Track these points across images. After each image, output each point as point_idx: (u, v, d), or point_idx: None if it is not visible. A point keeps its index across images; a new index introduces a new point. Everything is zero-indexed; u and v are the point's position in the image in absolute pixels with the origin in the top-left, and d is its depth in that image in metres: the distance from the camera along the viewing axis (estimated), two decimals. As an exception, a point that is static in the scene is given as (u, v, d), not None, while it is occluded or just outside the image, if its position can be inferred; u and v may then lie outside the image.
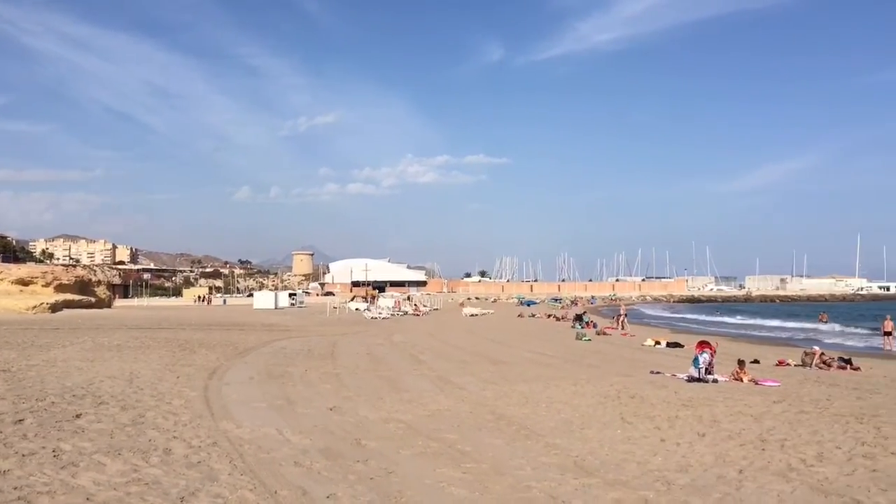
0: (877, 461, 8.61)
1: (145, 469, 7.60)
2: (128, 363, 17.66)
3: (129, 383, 14.13)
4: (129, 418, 10.47)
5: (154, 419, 10.49)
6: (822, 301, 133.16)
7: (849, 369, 20.21)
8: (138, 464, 7.81)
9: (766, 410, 12.52)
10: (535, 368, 19.75)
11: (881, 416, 12.08)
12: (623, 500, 6.87)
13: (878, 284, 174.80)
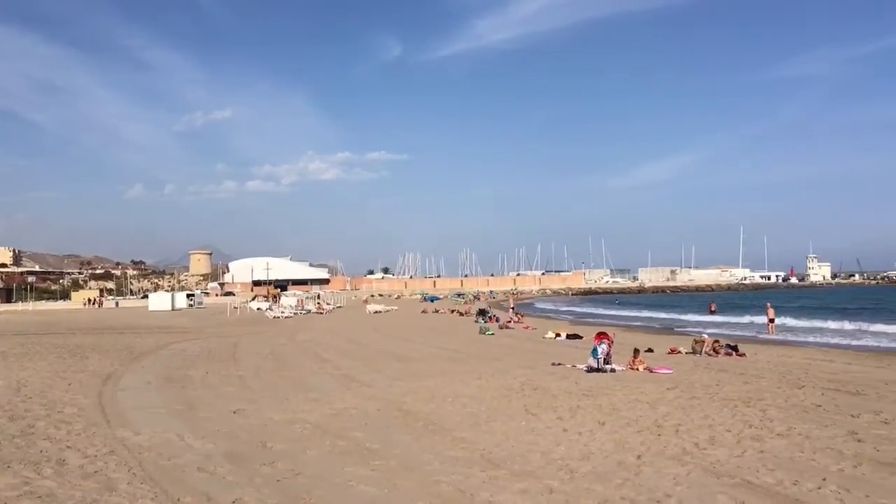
0: (764, 442, 9.14)
1: (38, 482, 7.26)
2: (14, 371, 16.77)
3: (17, 392, 13.43)
4: (18, 429, 9.97)
5: (45, 429, 10.02)
6: (709, 291, 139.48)
7: (735, 355, 21.30)
8: (30, 476, 7.45)
9: (660, 397, 13.07)
10: (440, 364, 19.90)
11: (766, 399, 12.82)
12: (529, 490, 7.04)
13: (760, 274, 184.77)
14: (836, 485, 7.04)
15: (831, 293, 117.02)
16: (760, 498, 6.64)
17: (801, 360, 20.42)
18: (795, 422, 10.55)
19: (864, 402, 12.51)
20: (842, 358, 21.82)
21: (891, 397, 13.01)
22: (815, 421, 10.63)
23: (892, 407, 11.88)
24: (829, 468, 7.77)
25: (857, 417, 10.91)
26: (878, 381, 15.59)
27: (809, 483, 7.12)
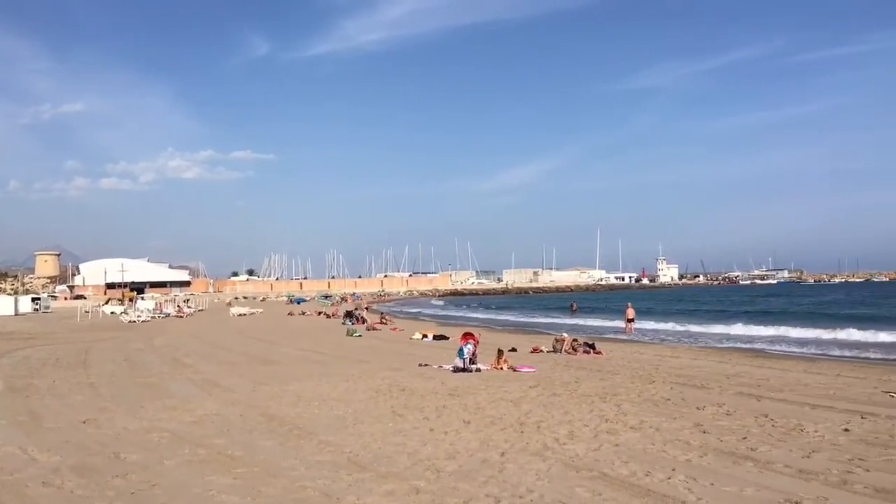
0: (619, 436, 9.59)
1: None
2: None
3: None
4: None
5: None
6: (569, 291, 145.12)
7: (593, 353, 22.24)
8: None
9: (523, 395, 13.45)
10: (306, 366, 19.61)
11: (620, 394, 13.47)
12: (395, 491, 7.05)
13: (615, 275, 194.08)
14: (685, 474, 7.48)
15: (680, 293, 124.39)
16: (616, 489, 6.95)
17: (651, 357, 21.57)
18: (647, 415, 11.14)
19: (709, 395, 13.38)
20: (688, 354, 23.24)
21: (732, 390, 13.97)
22: (665, 414, 11.26)
23: (734, 399, 12.77)
24: (677, 459, 8.25)
25: (702, 410, 11.64)
26: (720, 375, 16.72)
27: (660, 474, 7.52)
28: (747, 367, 18.66)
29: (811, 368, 18.33)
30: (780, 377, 16.27)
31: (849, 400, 12.63)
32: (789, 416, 10.88)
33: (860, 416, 10.88)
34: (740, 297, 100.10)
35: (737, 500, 6.52)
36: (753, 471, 7.65)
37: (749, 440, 9.23)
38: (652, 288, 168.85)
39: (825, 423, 10.27)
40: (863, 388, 14.25)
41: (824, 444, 8.91)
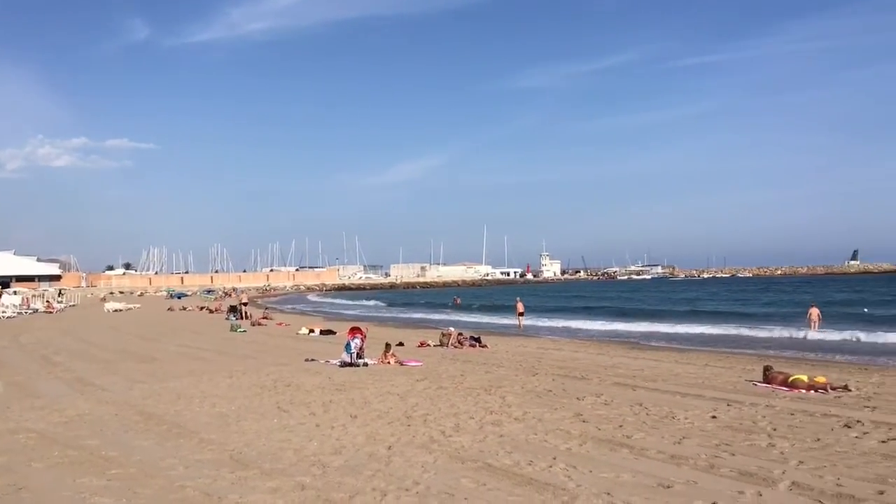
0: (503, 427, 9.80)
1: None
2: None
3: None
4: None
5: None
6: (456, 286, 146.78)
7: (478, 347, 22.62)
8: None
9: (410, 389, 13.53)
10: (187, 363, 18.98)
11: (505, 386, 13.76)
12: (280, 488, 6.95)
13: (501, 270, 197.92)
14: (565, 462, 7.74)
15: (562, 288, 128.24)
16: (499, 479, 7.11)
17: (535, 350, 22.15)
18: (530, 406, 11.44)
19: (588, 385, 13.87)
20: (569, 347, 24.01)
21: (610, 381, 14.54)
22: (547, 405, 11.60)
23: (611, 389, 13.29)
24: (558, 447, 8.52)
25: (582, 400, 12.07)
26: (599, 366, 17.37)
27: (542, 462, 7.75)
28: (624, 359, 19.46)
29: (682, 359, 19.31)
30: (653, 368, 17.06)
31: (716, 389, 13.39)
32: (662, 405, 11.44)
33: (726, 403, 11.56)
34: (618, 291, 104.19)
35: (613, 486, 6.79)
36: (629, 457, 8.01)
37: (625, 428, 9.64)
38: (535, 283, 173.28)
39: (695, 411, 10.86)
40: (728, 377, 15.13)
41: (694, 431, 9.42)
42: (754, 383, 13.92)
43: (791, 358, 20.48)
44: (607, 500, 6.35)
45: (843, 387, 12.92)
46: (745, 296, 77.72)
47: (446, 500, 6.40)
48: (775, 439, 8.85)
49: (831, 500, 6.29)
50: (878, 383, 13.94)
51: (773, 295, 77.75)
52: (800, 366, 16.83)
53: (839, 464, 7.58)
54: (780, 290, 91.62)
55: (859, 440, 8.77)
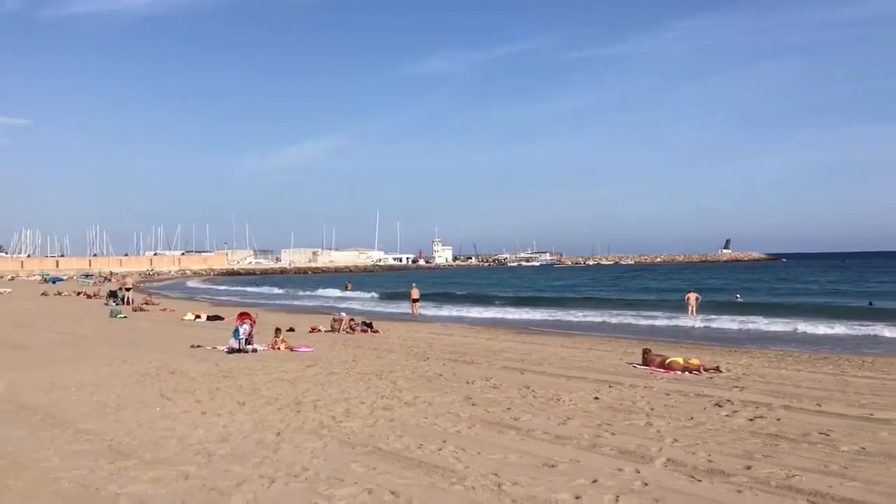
0: (394, 411, 9.85)
1: None
2: None
3: None
4: None
5: None
6: (348, 272, 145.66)
7: (370, 332, 22.59)
8: None
9: (301, 375, 13.38)
10: (63, 350, 18.06)
11: (396, 371, 13.82)
12: (163, 478, 6.73)
13: (393, 256, 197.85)
14: (454, 445, 7.86)
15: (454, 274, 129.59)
16: (390, 463, 7.15)
17: (426, 335, 22.32)
18: (421, 391, 11.54)
19: (478, 369, 14.12)
20: (459, 332, 24.32)
21: (499, 365, 14.85)
22: (438, 389, 11.73)
23: (500, 373, 13.58)
24: (448, 430, 8.64)
25: (471, 384, 12.27)
26: (488, 350, 17.70)
27: (432, 445, 7.84)
28: (512, 343, 19.90)
29: (567, 343, 19.93)
30: (540, 351, 17.54)
31: (599, 371, 13.91)
32: (548, 388, 11.79)
33: (608, 385, 12.04)
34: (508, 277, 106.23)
35: (501, 467, 6.95)
36: (516, 439, 8.22)
37: (513, 410, 9.88)
38: (428, 268, 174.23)
39: (579, 393, 11.25)
40: (610, 360, 15.75)
41: (577, 412, 9.76)
42: (634, 366, 14.54)
43: (669, 341, 21.48)
44: (494, 480, 6.49)
45: (715, 368, 13.68)
46: (626, 282, 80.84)
47: (336, 486, 6.38)
48: (652, 418, 9.29)
49: (703, 475, 6.66)
50: (746, 365, 14.84)
51: (653, 281, 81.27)
52: (676, 348, 17.70)
53: (710, 441, 8.04)
54: (659, 276, 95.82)
55: (729, 418, 9.32)
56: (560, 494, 6.06)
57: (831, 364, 15.10)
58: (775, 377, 13.04)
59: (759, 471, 6.76)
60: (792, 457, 7.29)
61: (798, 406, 10.09)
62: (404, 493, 6.14)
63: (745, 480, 6.45)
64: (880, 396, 10.86)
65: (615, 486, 6.28)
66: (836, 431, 8.41)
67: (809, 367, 14.50)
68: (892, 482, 6.34)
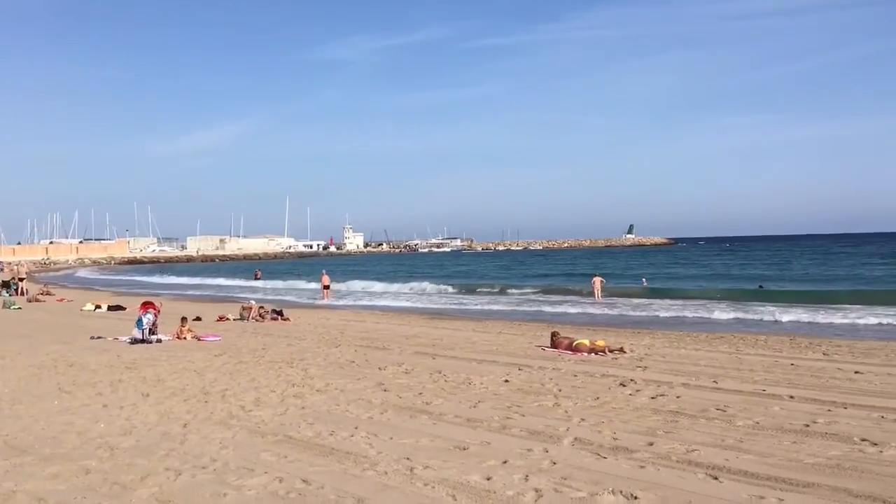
0: (305, 399, 9.76)
1: None
2: None
3: None
4: None
5: None
6: (257, 259, 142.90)
7: (281, 320, 22.28)
8: None
9: (208, 364, 13.08)
10: (-52, 344, 17.05)
11: (308, 359, 13.70)
12: (61, 473, 6.47)
13: (304, 243, 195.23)
14: (366, 431, 7.86)
15: (365, 260, 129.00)
16: (301, 451, 7.09)
17: (338, 322, 22.18)
18: (333, 378, 11.48)
19: (390, 355, 14.14)
20: (372, 318, 24.28)
21: (411, 350, 14.91)
22: (350, 375, 11.69)
23: (412, 358, 13.64)
24: (360, 417, 8.63)
25: (384, 370, 12.29)
26: (400, 336, 17.74)
27: (344, 432, 7.82)
28: (424, 329, 20.00)
29: (479, 328, 20.19)
30: (451, 336, 17.71)
31: (509, 354, 14.16)
32: (460, 372, 11.92)
33: (518, 368, 12.27)
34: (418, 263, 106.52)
35: (413, 451, 7.00)
36: (428, 423, 8.28)
37: (425, 395, 9.95)
38: (338, 255, 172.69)
39: (489, 376, 11.42)
40: (520, 343, 16.04)
41: (488, 395, 9.91)
42: (543, 348, 14.86)
43: (576, 324, 22.03)
44: (406, 464, 6.53)
45: (619, 349, 14.13)
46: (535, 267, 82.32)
47: (245, 476, 6.28)
48: (560, 399, 9.53)
49: (609, 452, 6.89)
50: (648, 345, 15.39)
51: (561, 265, 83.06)
52: (583, 331, 18.19)
53: (615, 419, 8.31)
54: (566, 260, 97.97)
55: (632, 397, 9.66)
56: (471, 476, 6.15)
57: (727, 343, 15.83)
58: (675, 357, 13.58)
59: (661, 446, 7.04)
60: (691, 432, 7.62)
61: (696, 384, 10.55)
62: (316, 480, 6.11)
63: (647, 456, 6.71)
64: (772, 373, 11.46)
65: (524, 466, 6.42)
66: (731, 407, 8.83)
67: (707, 347, 15.16)
68: (783, 454, 6.71)
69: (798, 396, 9.44)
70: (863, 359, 13.00)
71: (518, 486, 5.87)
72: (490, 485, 5.92)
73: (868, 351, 14.15)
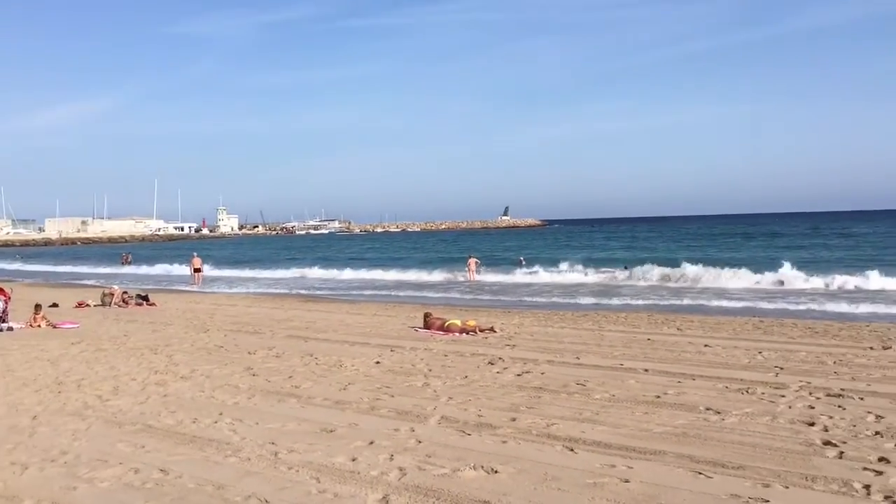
0: (168, 387, 9.44)
1: None
2: None
3: None
4: None
5: None
6: (124, 242, 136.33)
7: (146, 305, 21.40)
8: None
9: (63, 353, 12.41)
10: None
11: (173, 345, 13.24)
12: None
13: (174, 225, 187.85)
14: (231, 417, 7.70)
15: (239, 243, 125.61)
16: (160, 440, 6.86)
17: (208, 307, 21.53)
18: (199, 363, 11.16)
19: (261, 339, 13.88)
20: (244, 302, 23.71)
21: (282, 333, 14.70)
22: (218, 361, 11.40)
23: (283, 342, 13.45)
24: (226, 403, 8.45)
25: (253, 354, 12.06)
26: (273, 320, 17.43)
27: (207, 419, 7.63)
28: (298, 312, 19.74)
29: (353, 310, 20.12)
30: (325, 319, 17.57)
31: (382, 336, 14.21)
32: (332, 354, 11.86)
33: (390, 349, 12.34)
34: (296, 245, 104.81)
35: (279, 435, 6.92)
36: (296, 406, 8.21)
37: (294, 379, 9.85)
38: (212, 238, 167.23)
39: (361, 358, 11.43)
40: (393, 325, 16.12)
41: (359, 377, 9.93)
42: (416, 329, 15.01)
43: (450, 304, 22.36)
44: (271, 449, 6.45)
45: (490, 329, 14.47)
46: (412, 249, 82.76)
47: (98, 467, 6.02)
48: (430, 379, 9.67)
49: (473, 429, 7.06)
50: (518, 324, 15.83)
51: (439, 246, 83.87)
52: (456, 311, 18.48)
53: (482, 397, 8.53)
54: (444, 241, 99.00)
55: (500, 375, 9.93)
56: (336, 458, 6.15)
57: (591, 321, 16.51)
58: (543, 335, 14.04)
59: (523, 422, 7.29)
60: (552, 407, 7.92)
61: (560, 360, 10.96)
62: (174, 469, 5.94)
63: (510, 431, 6.93)
64: (630, 348, 12.06)
65: (390, 446, 6.48)
66: (591, 381, 9.24)
67: (573, 325, 15.76)
68: (634, 424, 7.10)
69: (652, 370, 9.99)
70: (712, 333, 13.90)
71: (383, 465, 5.93)
72: (355, 465, 5.95)
73: (717, 326, 15.14)
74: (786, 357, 10.89)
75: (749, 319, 16.36)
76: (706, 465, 5.77)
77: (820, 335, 13.45)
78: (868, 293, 23.08)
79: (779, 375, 9.47)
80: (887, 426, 6.86)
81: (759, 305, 20.38)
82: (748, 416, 7.31)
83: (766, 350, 11.59)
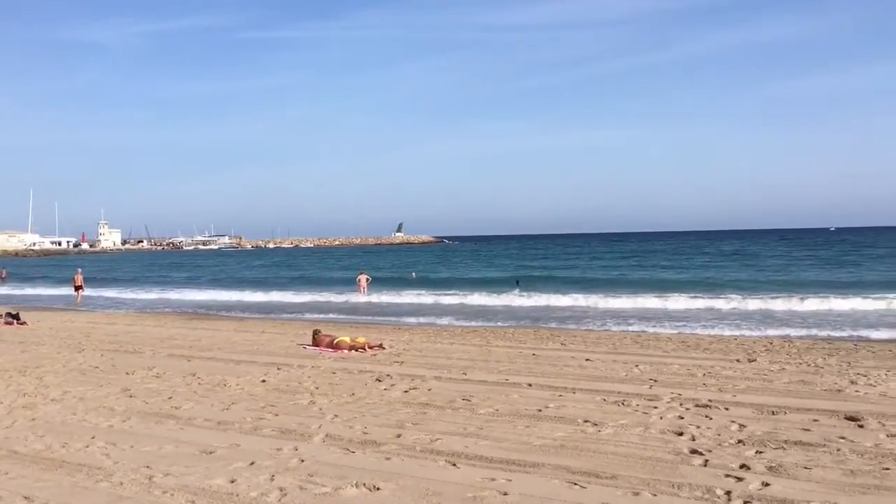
0: (37, 410, 8.95)
1: None
2: None
3: None
4: None
5: None
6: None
7: (16, 324, 20.22)
8: None
9: (-80, 377, 11.56)
10: None
11: (45, 366, 12.58)
12: None
13: (51, 240, 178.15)
14: (105, 440, 7.38)
15: (122, 258, 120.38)
16: (26, 466, 6.51)
17: (84, 325, 20.55)
18: (72, 385, 10.64)
19: (140, 359, 13.37)
20: (124, 320, 22.76)
21: (164, 353, 14.21)
22: (92, 382, 10.91)
23: (165, 361, 13.01)
24: (99, 426, 8.09)
25: (132, 374, 11.60)
26: (155, 338, 16.82)
27: (78, 443, 7.29)
28: (182, 330, 19.12)
29: (240, 328, 19.68)
30: (211, 337, 17.10)
31: (270, 354, 13.97)
32: (216, 373, 11.57)
33: (277, 367, 12.15)
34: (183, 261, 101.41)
35: (154, 459, 6.69)
36: (175, 428, 7.96)
37: (175, 399, 9.54)
38: (93, 253, 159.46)
39: (246, 377, 11.20)
40: (282, 342, 15.88)
41: (243, 396, 9.72)
42: (304, 346, 14.84)
43: (339, 321, 22.21)
44: (146, 473, 6.24)
45: (379, 345, 14.47)
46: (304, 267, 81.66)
47: (-45, 498, 5.67)
48: (316, 397, 9.59)
49: (357, 446, 7.05)
50: (407, 341, 15.90)
51: (332, 262, 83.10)
52: (345, 328, 18.38)
53: (368, 414, 8.52)
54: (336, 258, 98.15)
55: (387, 391, 9.95)
56: (215, 480, 6.01)
57: (479, 336, 16.79)
58: (431, 351, 14.17)
59: (408, 438, 7.34)
60: (438, 422, 8.01)
61: (448, 376, 11.09)
62: (40, 496, 5.65)
63: (394, 448, 6.96)
64: (515, 363, 12.34)
65: (272, 466, 6.39)
66: (476, 396, 9.40)
67: (461, 340, 15.98)
68: (516, 438, 7.28)
69: (535, 384, 10.26)
70: (594, 347, 14.42)
71: (263, 486, 5.84)
72: (233, 487, 5.83)
73: (598, 340, 15.70)
74: (660, 370, 11.43)
75: (628, 334, 17.06)
76: (581, 476, 5.99)
77: (692, 349, 14.18)
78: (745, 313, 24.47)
79: (653, 388, 9.93)
80: (749, 434, 7.30)
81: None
82: (623, 428, 7.63)
83: (642, 363, 12.12)
